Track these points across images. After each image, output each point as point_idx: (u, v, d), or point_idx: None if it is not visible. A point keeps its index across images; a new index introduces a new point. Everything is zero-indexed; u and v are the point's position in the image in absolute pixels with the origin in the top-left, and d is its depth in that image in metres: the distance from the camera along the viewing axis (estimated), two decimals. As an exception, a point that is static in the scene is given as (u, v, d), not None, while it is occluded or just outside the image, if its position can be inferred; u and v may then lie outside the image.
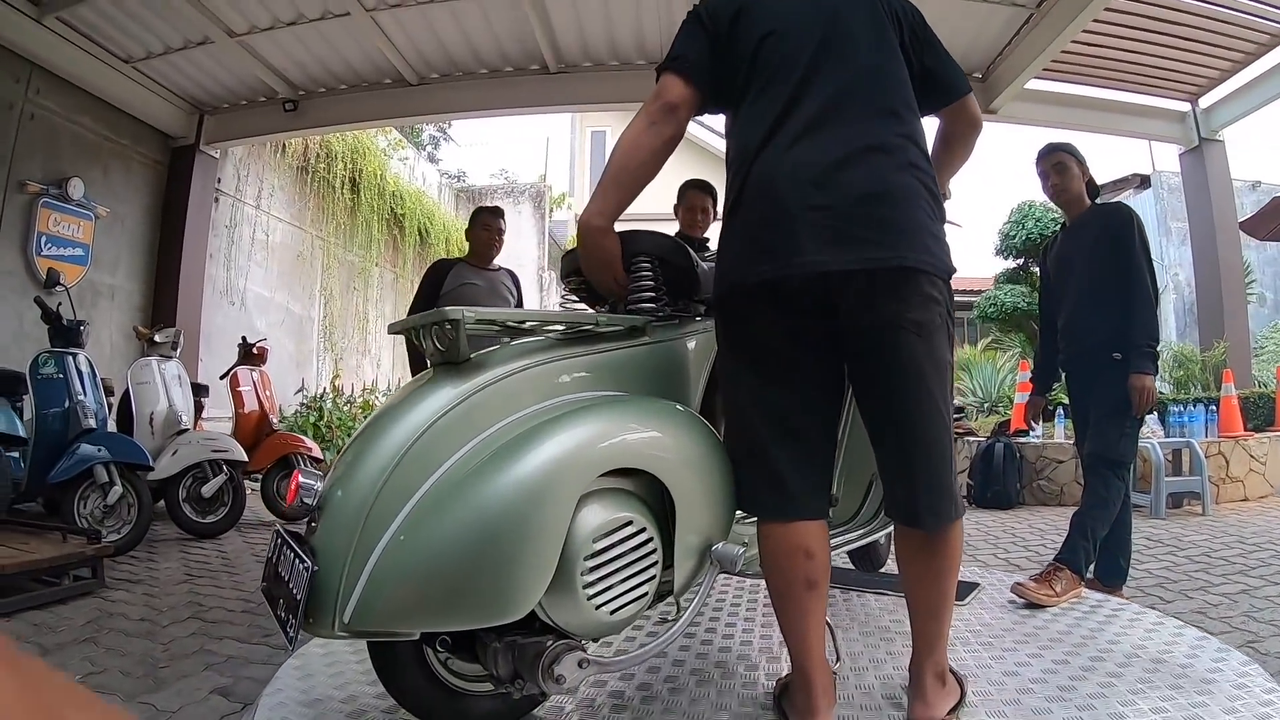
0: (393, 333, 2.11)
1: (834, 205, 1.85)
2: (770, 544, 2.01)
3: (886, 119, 1.94)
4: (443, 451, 1.77)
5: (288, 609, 1.71)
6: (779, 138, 1.95)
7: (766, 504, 2.01)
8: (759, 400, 2.01)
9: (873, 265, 1.83)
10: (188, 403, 6.46)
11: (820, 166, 1.88)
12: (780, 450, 1.98)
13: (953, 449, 1.99)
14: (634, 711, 2.18)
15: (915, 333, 1.87)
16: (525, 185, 19.44)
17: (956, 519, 1.97)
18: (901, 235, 1.86)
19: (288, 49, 8.02)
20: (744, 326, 2.03)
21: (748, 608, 3.29)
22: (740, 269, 1.98)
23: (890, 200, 1.87)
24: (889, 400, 1.93)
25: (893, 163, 1.90)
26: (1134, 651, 2.60)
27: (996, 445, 8.36)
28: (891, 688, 2.29)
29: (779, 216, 1.90)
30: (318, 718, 2.15)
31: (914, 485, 1.94)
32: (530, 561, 1.68)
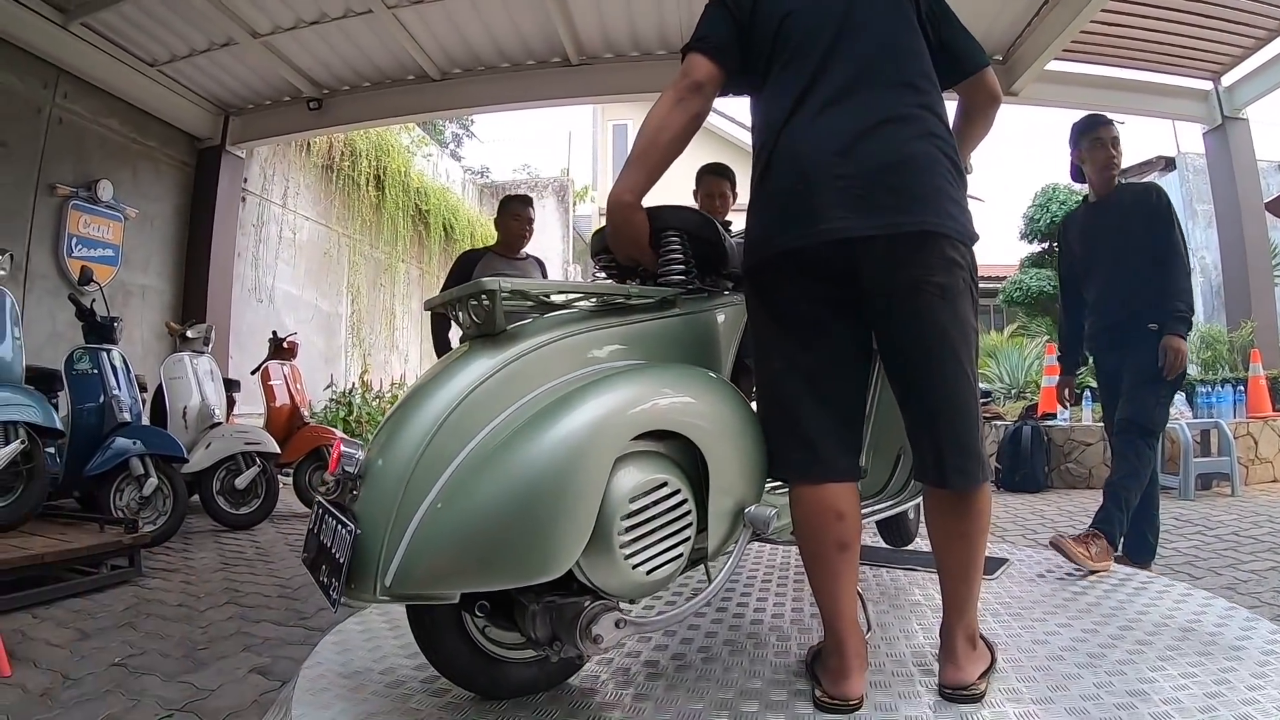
0: (429, 308, 2.15)
1: (856, 174, 1.90)
2: (802, 506, 2.04)
3: (905, 91, 1.98)
4: (481, 418, 1.81)
5: (331, 573, 1.75)
6: (802, 112, 2.00)
7: (797, 465, 2.04)
8: (789, 364, 2.05)
9: (894, 230, 1.88)
10: (220, 397, 6.54)
11: (843, 138, 1.93)
12: (810, 412, 2.02)
13: (978, 411, 2.01)
14: (668, 679, 2.21)
15: (939, 295, 1.90)
16: (548, 179, 19.50)
17: (984, 481, 2.00)
18: (922, 200, 1.89)
19: (311, 48, 8.07)
20: (773, 293, 2.08)
21: (779, 581, 3.32)
22: (768, 239, 2.04)
23: (910, 168, 1.91)
24: (914, 363, 1.97)
25: (912, 132, 1.94)
26: (1162, 621, 2.61)
27: (1024, 428, 8.34)
28: (923, 657, 2.31)
29: (804, 187, 1.95)
30: (356, 689, 2.19)
31: (941, 446, 1.96)
32: (568, 520, 1.71)
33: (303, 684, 2.23)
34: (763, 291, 2.12)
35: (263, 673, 2.99)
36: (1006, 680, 2.11)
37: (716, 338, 2.39)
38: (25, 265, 6.97)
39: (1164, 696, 1.97)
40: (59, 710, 2.60)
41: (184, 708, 2.65)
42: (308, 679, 2.27)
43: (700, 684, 2.17)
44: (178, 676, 2.92)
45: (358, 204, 12.33)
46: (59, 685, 2.81)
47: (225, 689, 2.82)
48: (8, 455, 4.33)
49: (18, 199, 7.04)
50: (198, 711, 2.62)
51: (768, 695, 2.08)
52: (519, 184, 18.86)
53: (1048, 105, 8.60)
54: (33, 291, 7.15)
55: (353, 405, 10.95)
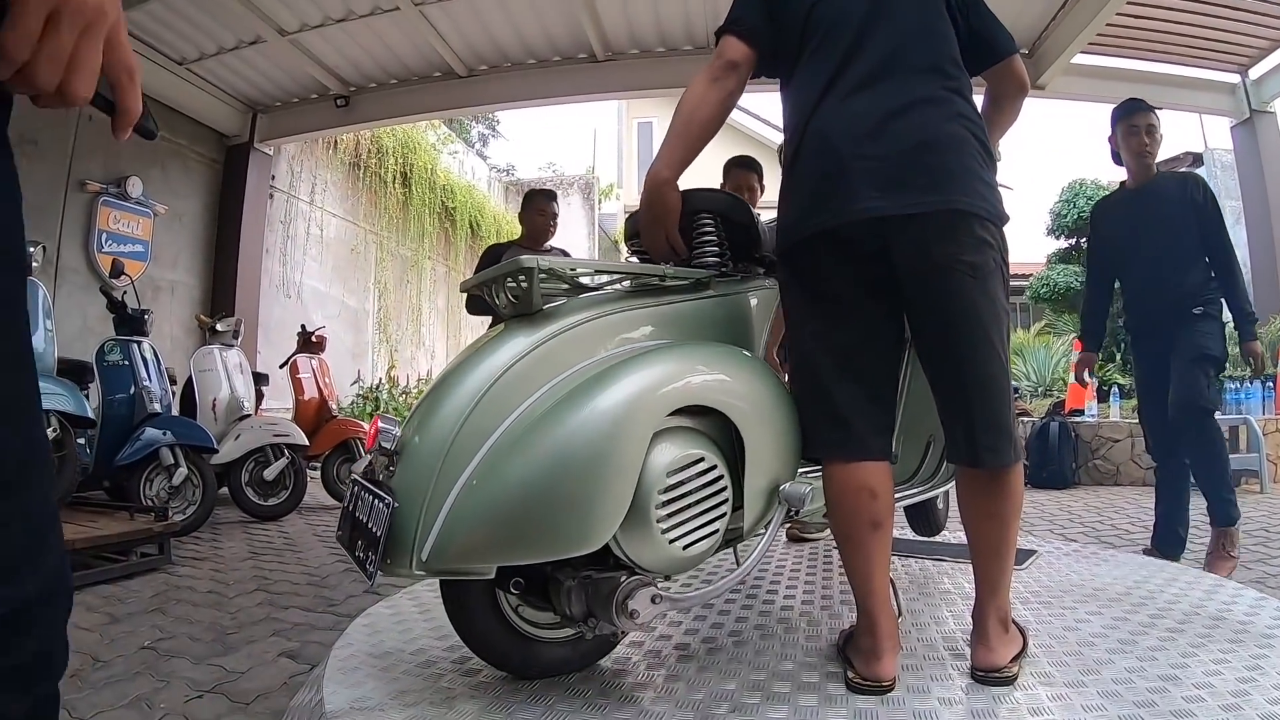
0: (465, 290, 2.17)
1: (886, 155, 1.91)
2: (835, 484, 2.04)
3: (934, 74, 1.99)
4: (518, 395, 1.83)
5: (367, 547, 1.76)
6: (833, 95, 2.02)
7: (831, 443, 2.05)
8: (822, 343, 2.06)
9: (924, 209, 1.88)
10: (249, 390, 6.58)
11: (872, 119, 1.94)
12: (843, 391, 2.02)
13: (1010, 391, 2.01)
14: (700, 661, 2.22)
15: (969, 274, 1.90)
16: (574, 177, 19.54)
17: (1016, 461, 1.99)
18: (952, 180, 1.90)
19: (338, 45, 8.12)
20: (806, 274, 2.09)
21: (808, 568, 3.32)
22: (801, 221, 2.05)
23: (940, 148, 1.92)
24: (946, 342, 1.97)
25: (941, 113, 1.95)
26: (1193, 610, 2.60)
27: (1051, 425, 8.29)
28: (954, 642, 2.31)
29: (834, 168, 1.96)
30: (387, 669, 2.20)
31: (973, 425, 1.96)
32: (606, 493, 1.73)
33: (333, 664, 2.24)
34: (796, 272, 2.13)
35: (292, 656, 3.01)
36: (1038, 664, 2.11)
37: (749, 321, 2.39)
38: (56, 260, 7.05)
39: (1196, 681, 1.96)
40: (89, 691, 2.62)
41: (213, 689, 2.67)
42: (338, 659, 2.28)
43: (732, 666, 2.17)
44: (207, 660, 2.94)
45: (384, 201, 12.43)
46: (89, 667, 2.84)
47: (254, 672, 2.84)
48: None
49: (49, 195, 7.13)
50: (227, 693, 2.64)
51: (800, 677, 2.08)
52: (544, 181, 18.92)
53: (1074, 99, 8.55)
54: (63, 286, 7.24)
55: (380, 400, 11.02)
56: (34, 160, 6.97)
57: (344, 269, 11.72)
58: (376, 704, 1.93)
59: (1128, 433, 8.39)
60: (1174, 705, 1.81)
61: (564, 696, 1.97)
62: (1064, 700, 1.86)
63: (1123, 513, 6.49)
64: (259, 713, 2.49)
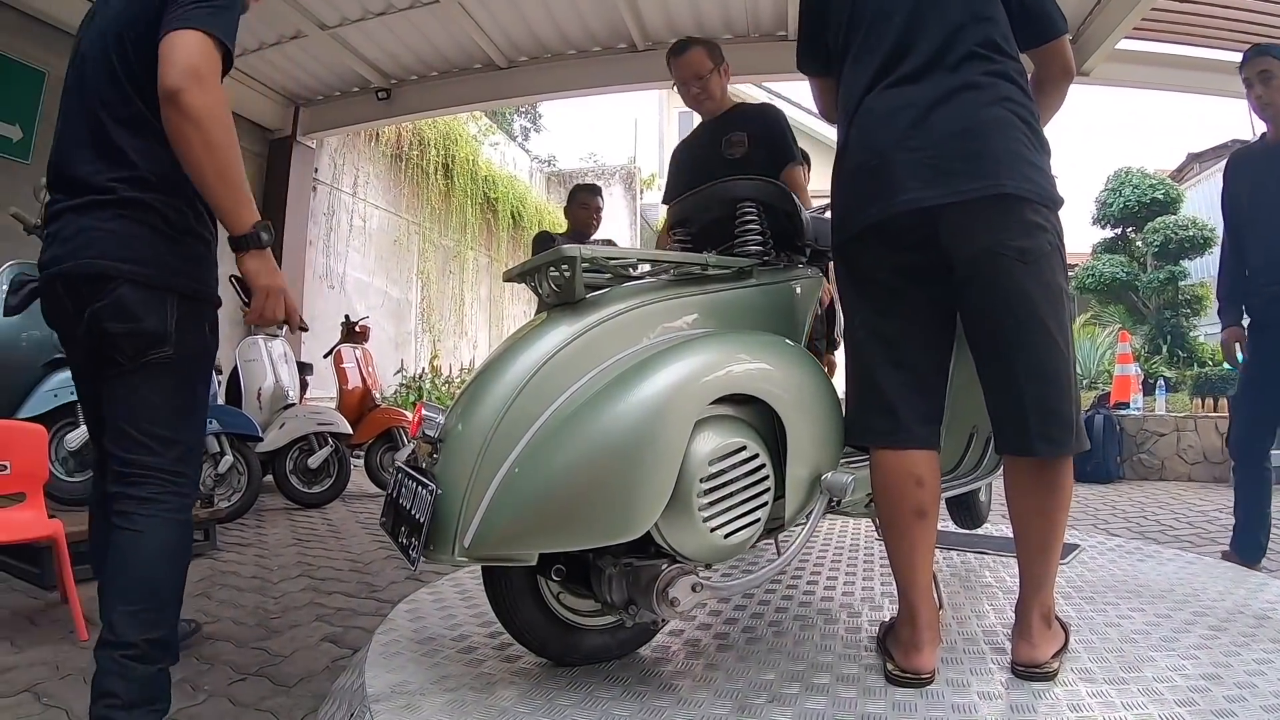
0: (509, 279, 2.18)
1: (927, 144, 1.90)
2: (881, 471, 2.04)
3: (978, 60, 1.96)
4: (561, 383, 1.84)
5: (410, 533, 1.78)
6: (878, 87, 2.02)
7: (879, 430, 2.04)
8: (872, 332, 2.06)
9: (967, 195, 1.86)
10: (293, 379, 6.64)
11: (914, 111, 1.93)
12: (892, 379, 2.02)
13: (1072, 379, 1.97)
14: (739, 651, 2.22)
15: (1019, 259, 1.87)
16: (615, 168, 19.50)
17: (1077, 449, 1.95)
18: (996, 164, 1.87)
19: (378, 39, 8.15)
20: (857, 265, 2.10)
21: (849, 560, 3.32)
22: (850, 216, 2.06)
23: (982, 133, 1.89)
24: (998, 331, 1.93)
25: (983, 98, 1.92)
26: (1237, 609, 2.56)
27: (1096, 417, 8.18)
28: (995, 636, 2.29)
29: (877, 162, 1.96)
30: (428, 654, 2.22)
31: (1025, 415, 1.92)
32: (648, 481, 1.73)
33: (376, 648, 2.27)
34: (847, 264, 2.15)
35: (334, 641, 3.05)
36: (1079, 660, 2.09)
37: (792, 309, 2.38)
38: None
39: (1238, 681, 1.94)
40: (135, 673, 2.67)
41: (257, 673, 2.71)
42: (380, 644, 2.31)
43: (771, 656, 2.18)
44: (251, 643, 2.99)
45: (427, 192, 12.50)
46: (136, 650, 2.89)
47: (297, 656, 2.88)
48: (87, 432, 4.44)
49: (96, 190, 7.21)
50: (270, 676, 2.68)
51: (839, 668, 2.08)
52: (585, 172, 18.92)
53: (1119, 85, 8.37)
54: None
55: (422, 389, 11.11)
56: (82, 155, 7.04)
57: (387, 260, 11.78)
58: (417, 688, 1.95)
59: (1173, 427, 8.27)
60: (1215, 705, 1.80)
61: (603, 684, 1.99)
62: (1104, 698, 1.85)
63: (1167, 508, 6.40)
64: (301, 696, 2.53)
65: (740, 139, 3.74)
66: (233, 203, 1.96)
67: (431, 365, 12.32)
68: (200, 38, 1.87)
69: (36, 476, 3.20)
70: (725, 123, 3.87)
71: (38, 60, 6.60)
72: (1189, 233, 12.15)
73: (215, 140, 1.86)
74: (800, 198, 3.43)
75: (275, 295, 2.03)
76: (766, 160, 3.59)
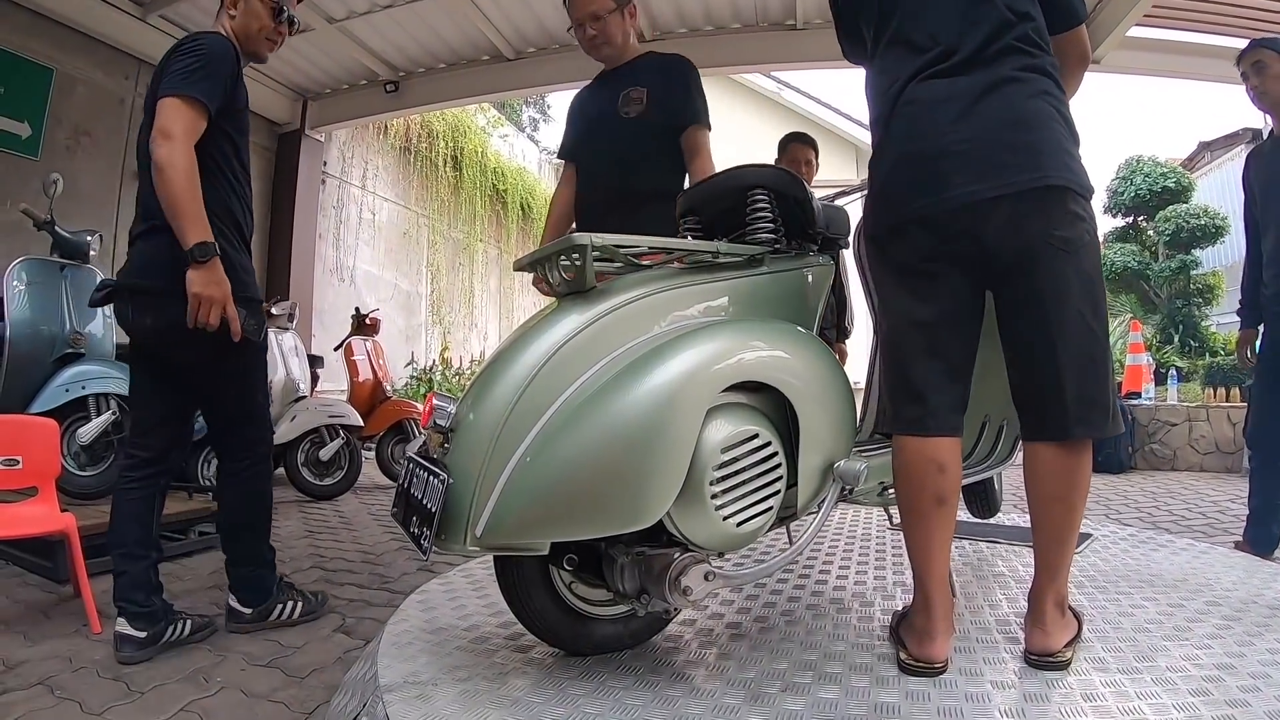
0: (519, 268, 2.17)
1: (974, 136, 1.90)
2: (904, 455, 2.03)
3: (1017, 55, 1.95)
4: (572, 372, 1.83)
5: (422, 523, 1.78)
6: (919, 78, 2.00)
7: (909, 418, 2.03)
8: (909, 320, 2.05)
9: (1018, 187, 1.87)
10: (304, 372, 6.63)
11: (961, 102, 1.93)
12: (926, 367, 2.02)
13: (1109, 364, 1.99)
14: (752, 640, 2.22)
15: (1063, 249, 1.89)
16: (625, 158, 19.44)
17: (1109, 432, 1.97)
18: (1042, 156, 1.88)
19: (385, 31, 8.14)
20: (895, 253, 2.08)
21: (860, 550, 3.31)
22: (892, 207, 2.05)
23: (1026, 125, 1.90)
24: (1039, 318, 1.93)
25: (1026, 90, 1.93)
26: (1251, 598, 2.56)
27: (1107, 408, 8.12)
28: (1008, 625, 2.29)
29: (923, 153, 1.96)
30: (440, 644, 2.23)
31: (1064, 399, 1.92)
32: (661, 469, 1.73)
33: (387, 639, 2.27)
34: (883, 252, 2.13)
35: (347, 632, 3.06)
36: (1092, 650, 2.09)
37: (804, 298, 2.37)
38: (113, 249, 7.17)
39: (1252, 671, 1.93)
40: (147, 664, 2.67)
41: (269, 663, 2.72)
42: (392, 635, 2.31)
43: (784, 645, 2.17)
44: (263, 635, 3.00)
45: (435, 185, 12.51)
46: (149, 641, 2.90)
47: (310, 647, 2.89)
48: (99, 426, 4.47)
49: (105, 186, 7.24)
50: (283, 667, 2.69)
51: (852, 657, 2.07)
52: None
53: (1130, 73, 8.30)
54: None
55: (433, 381, 11.14)
56: (90, 152, 7.11)
57: (396, 253, 11.80)
58: (430, 679, 1.95)
59: (1185, 416, 8.25)
60: (1229, 695, 1.79)
61: (616, 673, 1.99)
62: (1117, 687, 1.84)
63: (1179, 498, 6.38)
64: (314, 687, 2.54)
65: (640, 95, 3.40)
66: (178, 228, 2.55)
67: (442, 357, 12.35)
68: (172, 102, 2.58)
69: (49, 471, 3.21)
70: (627, 74, 3.49)
71: (46, 58, 6.63)
72: (1200, 221, 12.10)
73: (169, 180, 2.53)
74: (698, 164, 3.33)
75: (206, 303, 2.56)
76: (665, 121, 3.36)
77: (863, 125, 19.15)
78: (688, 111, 3.36)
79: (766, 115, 17.04)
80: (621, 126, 3.37)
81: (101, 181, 7.22)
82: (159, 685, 2.51)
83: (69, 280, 4.66)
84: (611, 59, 3.51)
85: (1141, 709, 1.72)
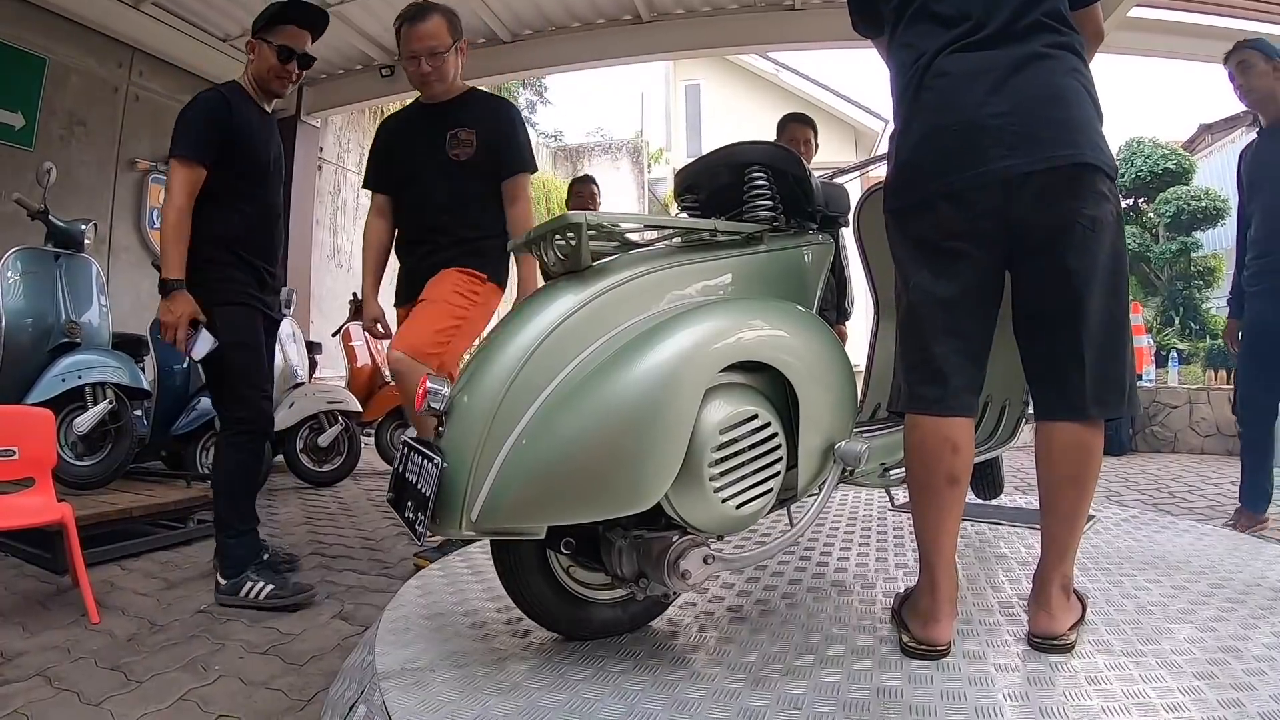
0: (513, 250, 2.15)
1: (1011, 110, 1.87)
2: (918, 434, 2.01)
3: (1046, 31, 1.94)
4: (568, 352, 1.81)
5: (416, 508, 1.76)
6: (950, 50, 1.97)
7: (928, 398, 2.00)
8: (930, 298, 2.01)
9: (1055, 163, 1.85)
10: (302, 359, 6.61)
11: (994, 75, 1.90)
12: (946, 346, 1.98)
13: (1129, 345, 1.98)
14: (752, 623, 2.20)
15: (1090, 229, 1.88)
16: (622, 141, 19.43)
17: (1125, 413, 1.98)
18: (1079, 133, 1.87)
19: (380, 15, 8.06)
20: (920, 229, 2.04)
21: (862, 532, 3.30)
22: (923, 179, 2.00)
23: (1063, 101, 1.88)
24: (1063, 297, 1.92)
25: (1059, 67, 1.91)
26: (1255, 581, 2.54)
27: (1108, 390, 8.12)
28: (1010, 608, 2.28)
29: (960, 126, 1.92)
30: (438, 630, 2.21)
31: (1083, 379, 1.92)
32: (658, 450, 1.71)
33: (385, 625, 2.25)
34: (909, 227, 2.08)
35: (345, 619, 3.05)
36: (1096, 632, 2.07)
37: (803, 276, 2.34)
38: (109, 238, 7.16)
39: (1257, 654, 1.91)
40: (146, 654, 2.67)
41: (268, 651, 2.71)
42: (390, 620, 2.29)
43: (784, 629, 2.16)
44: (262, 622, 2.99)
45: (433, 170, 12.39)
46: (146, 631, 2.90)
47: (308, 634, 2.89)
48: (96, 415, 4.45)
49: (100, 175, 7.22)
50: (281, 655, 2.68)
51: (854, 641, 2.06)
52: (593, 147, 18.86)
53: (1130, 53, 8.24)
54: (116, 263, 7.34)
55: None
56: (84, 141, 7.09)
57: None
58: (428, 665, 1.94)
59: (1185, 399, 8.24)
60: (1234, 679, 1.77)
61: (615, 658, 1.97)
62: (1122, 670, 1.83)
63: (1180, 480, 6.38)
64: (312, 674, 2.53)
65: (469, 136, 3.54)
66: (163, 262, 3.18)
67: (440, 341, 12.33)
68: (171, 165, 3.26)
69: (45, 461, 3.19)
70: (451, 112, 3.62)
71: (38, 48, 6.60)
72: (1201, 204, 12.06)
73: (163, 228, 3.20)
74: (519, 209, 3.50)
75: (169, 327, 3.14)
76: (494, 167, 3.50)
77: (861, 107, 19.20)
78: (518, 159, 3.55)
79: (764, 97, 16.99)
80: (450, 168, 3.51)
81: (96, 170, 7.20)
82: (157, 674, 2.50)
83: (64, 270, 4.63)
84: (437, 95, 3.62)
85: (1146, 692, 1.71)
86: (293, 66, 3.48)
